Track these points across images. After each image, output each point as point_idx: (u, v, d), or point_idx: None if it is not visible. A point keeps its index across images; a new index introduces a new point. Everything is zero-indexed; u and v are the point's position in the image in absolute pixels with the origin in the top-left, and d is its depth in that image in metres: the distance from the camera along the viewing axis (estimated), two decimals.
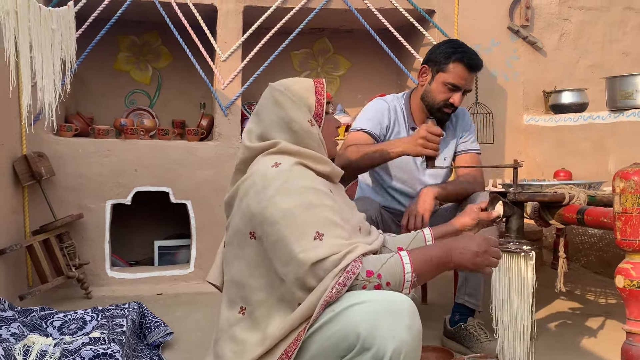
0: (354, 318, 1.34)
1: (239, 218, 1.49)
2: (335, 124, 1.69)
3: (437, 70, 2.34)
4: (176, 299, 3.13)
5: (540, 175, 3.86)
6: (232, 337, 1.49)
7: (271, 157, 1.50)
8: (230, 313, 1.51)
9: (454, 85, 2.31)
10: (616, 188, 1.54)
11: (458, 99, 2.33)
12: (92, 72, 3.82)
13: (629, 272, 1.52)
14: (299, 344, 1.35)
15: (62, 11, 2.78)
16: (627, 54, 4.41)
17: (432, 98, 2.36)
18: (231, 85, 3.48)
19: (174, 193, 3.38)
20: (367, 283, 1.37)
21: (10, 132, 2.93)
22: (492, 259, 1.52)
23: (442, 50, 2.34)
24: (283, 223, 1.38)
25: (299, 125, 1.54)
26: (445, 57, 2.32)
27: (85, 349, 1.80)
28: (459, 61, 2.29)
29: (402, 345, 1.29)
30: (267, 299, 1.45)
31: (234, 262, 1.51)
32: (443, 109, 2.36)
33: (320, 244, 1.36)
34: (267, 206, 1.41)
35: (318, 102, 1.59)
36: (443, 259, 1.48)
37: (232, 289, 1.53)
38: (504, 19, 4.15)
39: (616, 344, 1.64)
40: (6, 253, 2.68)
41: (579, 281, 3.36)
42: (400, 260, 1.40)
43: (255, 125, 1.60)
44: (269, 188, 1.42)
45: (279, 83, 1.61)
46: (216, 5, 3.44)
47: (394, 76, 4.26)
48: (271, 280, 1.44)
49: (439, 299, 2.97)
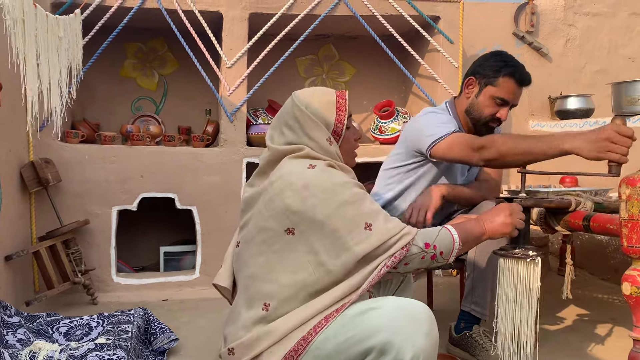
0: (372, 323, 1.35)
1: (270, 216, 1.51)
2: (355, 137, 1.71)
3: (486, 83, 2.26)
4: (181, 304, 3.14)
5: (546, 181, 3.85)
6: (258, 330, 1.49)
7: (303, 161, 1.54)
8: (252, 312, 1.51)
9: (503, 99, 2.24)
10: (622, 195, 1.54)
11: (505, 113, 2.26)
12: (99, 78, 3.84)
13: (635, 279, 1.51)
14: (331, 320, 1.42)
15: (69, 19, 2.80)
16: (633, 60, 4.40)
17: (480, 112, 2.29)
18: (237, 91, 3.49)
19: (180, 199, 3.39)
20: (425, 254, 1.52)
21: (17, 138, 2.95)
22: (518, 220, 1.70)
23: (492, 63, 2.26)
24: (334, 217, 1.45)
25: (317, 144, 1.58)
26: (495, 71, 2.23)
27: (91, 355, 1.81)
28: (509, 75, 2.21)
29: (420, 352, 1.31)
30: (298, 294, 1.47)
31: (258, 259, 1.53)
32: (489, 123, 2.29)
33: (370, 234, 1.46)
34: (315, 203, 1.46)
35: (338, 119, 1.61)
36: (477, 231, 1.66)
37: (252, 286, 1.53)
38: (509, 25, 4.16)
39: (623, 352, 1.63)
40: (13, 259, 2.70)
41: (585, 288, 3.34)
42: (450, 233, 1.58)
43: (277, 134, 1.63)
44: (313, 187, 1.47)
45: (301, 98, 1.61)
46: (222, 12, 3.46)
47: (399, 82, 4.26)
48: (307, 275, 1.47)
49: (445, 305, 2.96)
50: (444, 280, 3.55)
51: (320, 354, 1.41)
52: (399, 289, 1.90)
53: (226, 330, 1.59)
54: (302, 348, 1.41)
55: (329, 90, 1.66)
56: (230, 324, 1.57)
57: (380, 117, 3.87)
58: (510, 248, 1.85)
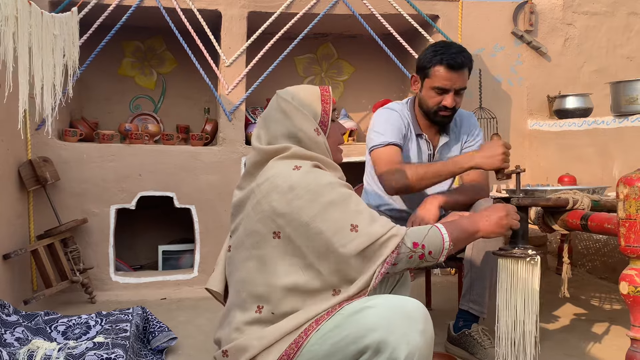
0: (367, 321, 1.35)
1: (257, 219, 1.50)
2: (341, 131, 1.72)
3: (423, 77, 2.37)
4: (180, 303, 3.14)
5: (544, 180, 3.85)
6: (252, 333, 1.49)
7: (289, 162, 1.53)
8: (246, 314, 1.51)
9: (440, 88, 2.32)
10: (620, 194, 1.54)
11: (450, 100, 2.33)
12: (97, 77, 3.84)
13: (633, 278, 1.51)
14: (326, 318, 1.42)
15: (65, 17, 2.79)
16: (632, 59, 4.39)
17: (426, 104, 2.38)
18: (235, 90, 3.49)
19: (178, 198, 3.39)
20: (413, 253, 1.50)
21: (15, 137, 2.94)
22: (513, 220, 1.69)
23: (424, 56, 2.36)
24: (319, 219, 1.44)
25: (305, 134, 1.57)
26: (427, 62, 2.33)
27: (89, 353, 1.81)
28: (438, 64, 2.30)
29: (415, 350, 1.31)
30: (291, 295, 1.47)
31: (248, 263, 1.53)
32: (439, 112, 2.36)
33: (356, 235, 1.44)
34: (300, 205, 1.45)
35: (324, 110, 1.62)
36: (471, 229, 1.64)
37: (244, 290, 1.53)
38: (508, 24, 4.15)
39: (620, 350, 1.63)
40: (11, 257, 2.69)
41: (583, 287, 3.35)
42: (439, 232, 1.55)
43: (263, 132, 1.62)
44: (298, 188, 1.46)
45: (286, 91, 1.64)
46: (220, 10, 3.46)
47: (397, 81, 4.26)
48: (297, 277, 1.46)
49: (443, 304, 2.97)
50: (442, 279, 3.55)
51: (316, 353, 1.41)
52: (396, 287, 1.90)
53: (219, 332, 1.59)
54: (294, 352, 1.42)
55: (312, 85, 1.69)
56: (224, 326, 1.58)
57: None
58: (509, 248, 1.85)
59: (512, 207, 1.73)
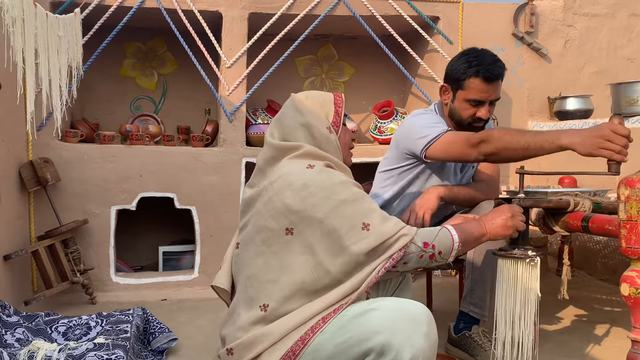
0: (371, 324, 1.35)
1: (269, 216, 1.52)
2: (351, 136, 1.76)
3: (456, 88, 2.27)
4: (180, 304, 3.14)
5: (545, 182, 3.85)
6: (257, 331, 1.49)
7: (302, 160, 1.55)
8: (251, 312, 1.51)
9: (475, 100, 2.24)
10: (621, 195, 1.54)
11: (485, 111, 2.25)
12: (98, 78, 3.84)
13: (634, 280, 1.51)
14: (333, 316, 1.43)
15: (68, 18, 2.80)
16: (632, 61, 4.40)
17: (459, 116, 2.29)
18: (236, 91, 3.49)
19: (179, 199, 3.39)
20: (423, 253, 1.52)
21: (16, 138, 2.95)
22: (519, 222, 1.70)
23: (457, 66, 2.26)
24: (333, 216, 1.46)
25: (318, 131, 1.61)
26: (462, 74, 2.23)
27: (90, 354, 1.81)
28: (474, 76, 2.20)
29: (419, 353, 1.31)
30: (296, 294, 1.48)
31: (258, 260, 1.53)
32: (473, 124, 2.28)
33: (368, 234, 1.46)
34: (314, 202, 1.47)
35: (336, 112, 1.67)
36: (479, 232, 1.65)
37: (251, 287, 1.53)
38: (509, 26, 4.15)
39: (621, 352, 1.63)
40: (12, 258, 2.69)
41: (584, 288, 3.35)
42: (449, 233, 1.58)
43: (277, 129, 1.65)
44: (312, 186, 1.49)
45: (300, 93, 1.70)
46: (221, 12, 3.46)
47: (398, 83, 4.26)
48: (305, 275, 1.47)
49: (444, 306, 2.97)
50: (443, 280, 3.55)
51: (319, 355, 1.41)
52: (398, 289, 1.90)
53: (224, 330, 1.59)
54: (300, 348, 1.42)
55: (326, 92, 1.74)
56: (229, 324, 1.58)
57: (379, 118, 3.87)
58: (509, 248, 1.85)
59: (517, 207, 1.73)
